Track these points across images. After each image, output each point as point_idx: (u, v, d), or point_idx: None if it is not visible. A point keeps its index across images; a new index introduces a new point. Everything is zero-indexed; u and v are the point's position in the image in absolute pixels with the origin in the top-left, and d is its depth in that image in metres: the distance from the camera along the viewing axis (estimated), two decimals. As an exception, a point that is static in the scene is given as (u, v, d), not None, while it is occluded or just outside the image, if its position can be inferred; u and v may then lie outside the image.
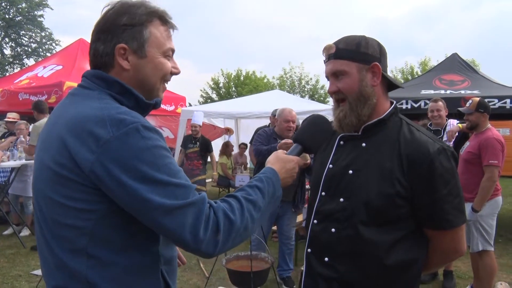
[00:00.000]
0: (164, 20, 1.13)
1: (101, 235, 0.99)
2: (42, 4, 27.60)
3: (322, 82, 25.71)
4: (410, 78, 22.34)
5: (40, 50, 28.64)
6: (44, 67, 8.21)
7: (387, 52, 1.39)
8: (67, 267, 1.00)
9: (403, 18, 56.71)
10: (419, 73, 22.41)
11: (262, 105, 7.87)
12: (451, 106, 4.66)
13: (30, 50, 28.84)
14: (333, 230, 1.35)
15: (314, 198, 1.45)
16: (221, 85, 26.77)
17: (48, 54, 25.79)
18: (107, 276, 1.00)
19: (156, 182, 0.95)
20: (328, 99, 21.29)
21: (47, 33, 28.76)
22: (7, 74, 23.18)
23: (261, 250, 3.55)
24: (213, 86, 26.77)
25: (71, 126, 0.98)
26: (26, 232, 5.80)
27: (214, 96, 26.50)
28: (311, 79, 26.92)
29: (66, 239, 1.00)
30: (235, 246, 1.08)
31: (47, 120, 1.16)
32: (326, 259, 1.37)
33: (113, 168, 0.93)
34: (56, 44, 28.66)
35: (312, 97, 25.30)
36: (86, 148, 0.94)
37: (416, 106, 6.23)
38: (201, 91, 27.28)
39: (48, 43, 28.99)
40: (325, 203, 1.40)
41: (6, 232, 5.84)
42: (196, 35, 54.79)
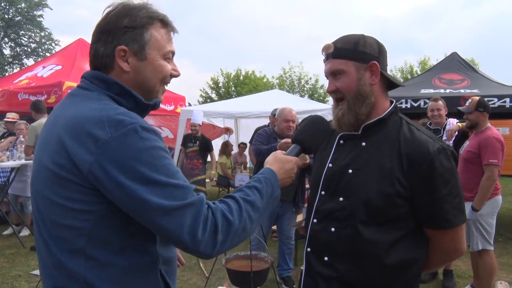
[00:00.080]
0: (164, 23, 1.12)
1: (99, 236, 0.99)
2: (41, 4, 27.59)
3: (322, 82, 25.76)
4: (409, 77, 22.31)
5: (40, 50, 28.64)
6: (44, 67, 8.18)
7: (387, 51, 1.39)
8: (66, 268, 1.00)
9: (402, 17, 56.80)
10: (419, 72, 22.39)
11: (262, 104, 7.86)
12: (451, 105, 4.66)
13: (29, 50, 28.84)
14: (332, 229, 1.35)
15: (314, 197, 1.45)
16: (220, 84, 26.78)
17: (48, 54, 25.77)
18: (105, 277, 1.00)
19: (155, 183, 0.94)
20: (328, 98, 21.28)
21: (47, 33, 28.79)
22: (7, 74, 23.18)
23: (261, 250, 3.55)
24: (212, 85, 26.77)
25: (70, 126, 0.98)
26: (25, 232, 5.80)
27: (214, 95, 26.50)
28: (310, 78, 27.00)
29: (65, 240, 1.00)
30: (234, 247, 1.08)
31: (46, 120, 1.16)
32: (326, 258, 1.36)
33: (111, 169, 0.93)
34: (56, 44, 28.73)
35: (311, 96, 25.31)
36: (85, 149, 0.94)
37: (415, 105, 6.23)
38: (200, 90, 27.34)
39: (47, 43, 29.01)
40: (324, 203, 1.40)
41: (5, 232, 5.84)
42: (195, 34, 54.84)
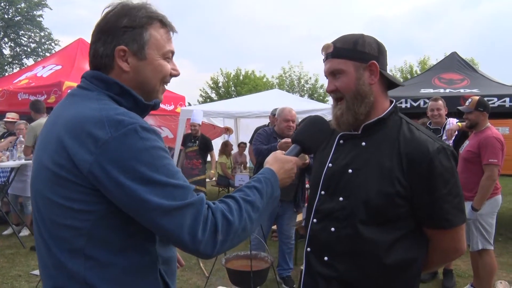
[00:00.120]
0: (164, 23, 1.12)
1: (99, 236, 0.99)
2: (41, 4, 27.59)
3: (321, 81, 25.75)
4: (409, 77, 22.30)
5: (39, 50, 28.63)
6: (43, 67, 8.17)
7: (386, 50, 1.39)
8: (65, 268, 1.00)
9: (402, 17, 56.79)
10: (418, 72, 22.40)
11: (262, 104, 7.85)
12: (451, 105, 4.66)
13: (29, 50, 28.84)
14: (332, 229, 1.35)
15: (314, 197, 1.45)
16: (220, 84, 26.77)
17: (47, 54, 25.78)
18: (105, 277, 1.00)
19: (155, 183, 0.94)
20: (327, 98, 21.29)
21: (46, 33, 28.79)
22: (6, 74, 23.15)
23: (261, 250, 3.55)
24: (212, 85, 26.76)
25: (69, 126, 0.98)
26: (25, 232, 5.79)
27: (214, 95, 26.49)
28: (310, 78, 27.00)
29: (64, 240, 1.00)
30: (234, 247, 1.08)
31: (46, 120, 1.16)
32: (326, 258, 1.36)
33: (111, 169, 0.93)
34: (55, 44, 28.73)
35: (311, 96, 25.31)
36: (85, 149, 0.94)
37: (415, 105, 6.23)
38: (200, 90, 27.32)
39: (47, 43, 29.01)
40: (324, 202, 1.40)
41: (5, 232, 5.83)
42: (195, 34, 54.83)
